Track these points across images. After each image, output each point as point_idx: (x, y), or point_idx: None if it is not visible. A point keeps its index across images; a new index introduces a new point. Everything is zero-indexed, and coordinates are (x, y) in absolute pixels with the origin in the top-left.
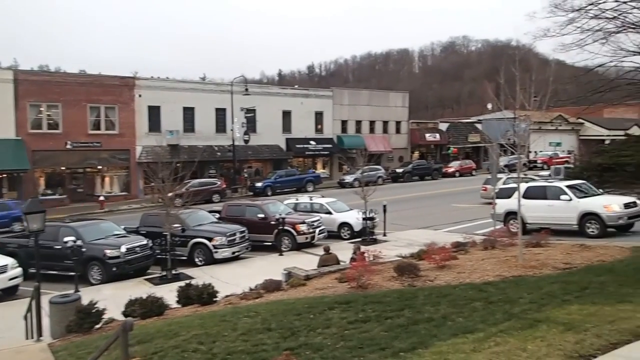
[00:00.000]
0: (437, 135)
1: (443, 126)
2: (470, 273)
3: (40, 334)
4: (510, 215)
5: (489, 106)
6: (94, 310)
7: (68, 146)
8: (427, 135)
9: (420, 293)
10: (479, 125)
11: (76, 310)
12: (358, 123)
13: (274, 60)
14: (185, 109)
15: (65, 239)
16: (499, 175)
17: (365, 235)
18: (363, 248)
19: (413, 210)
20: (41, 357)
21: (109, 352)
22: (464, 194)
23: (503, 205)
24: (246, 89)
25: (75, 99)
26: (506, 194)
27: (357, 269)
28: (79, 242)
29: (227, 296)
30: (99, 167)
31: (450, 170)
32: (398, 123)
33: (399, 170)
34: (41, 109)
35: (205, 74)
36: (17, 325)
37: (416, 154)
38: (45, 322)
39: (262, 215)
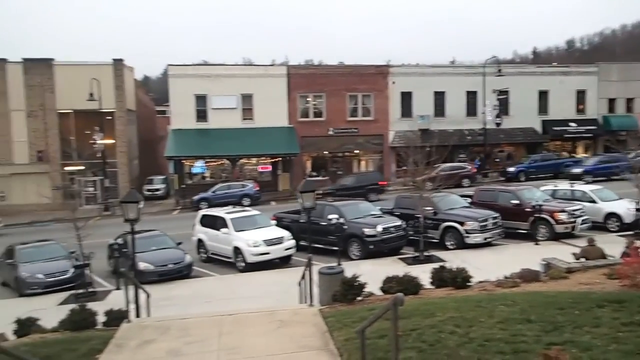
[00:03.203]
0: None
1: None
2: None
3: (311, 300)
4: None
5: None
6: (356, 284)
7: (330, 132)
8: None
9: None
10: None
11: (341, 281)
12: (629, 101)
13: (527, 38)
14: (436, 93)
15: (330, 216)
16: None
17: (638, 228)
18: (638, 242)
19: None
20: (314, 320)
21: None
22: None
23: None
24: (499, 70)
25: (336, 88)
26: None
27: (631, 266)
28: (341, 220)
29: (480, 282)
30: (356, 151)
31: None
32: None
33: None
34: (308, 99)
35: (454, 58)
36: (290, 290)
37: None
38: (314, 290)
39: (516, 202)
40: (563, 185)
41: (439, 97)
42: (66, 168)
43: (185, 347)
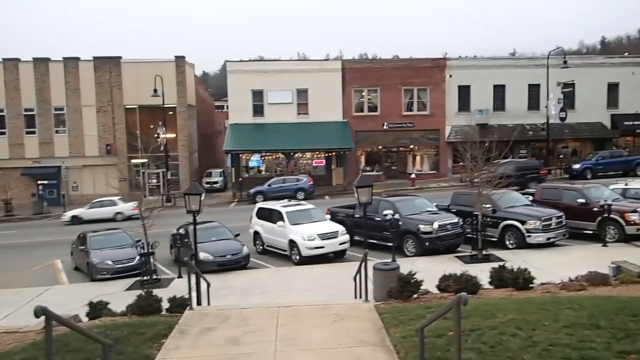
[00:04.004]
0: None
1: None
2: None
3: (367, 295)
4: None
5: None
6: (412, 281)
7: (384, 127)
8: None
9: None
10: None
11: (397, 278)
12: None
13: (594, 27)
14: (495, 87)
15: (385, 212)
16: None
17: None
18: None
19: None
20: (369, 315)
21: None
22: None
23: None
24: (564, 62)
25: (391, 82)
26: None
27: None
28: (396, 216)
29: (543, 284)
30: (411, 146)
31: None
32: None
33: None
34: (363, 93)
35: (514, 49)
36: (345, 285)
37: None
38: (369, 285)
39: (582, 200)
40: (634, 184)
41: (499, 91)
42: (132, 160)
43: (244, 336)
